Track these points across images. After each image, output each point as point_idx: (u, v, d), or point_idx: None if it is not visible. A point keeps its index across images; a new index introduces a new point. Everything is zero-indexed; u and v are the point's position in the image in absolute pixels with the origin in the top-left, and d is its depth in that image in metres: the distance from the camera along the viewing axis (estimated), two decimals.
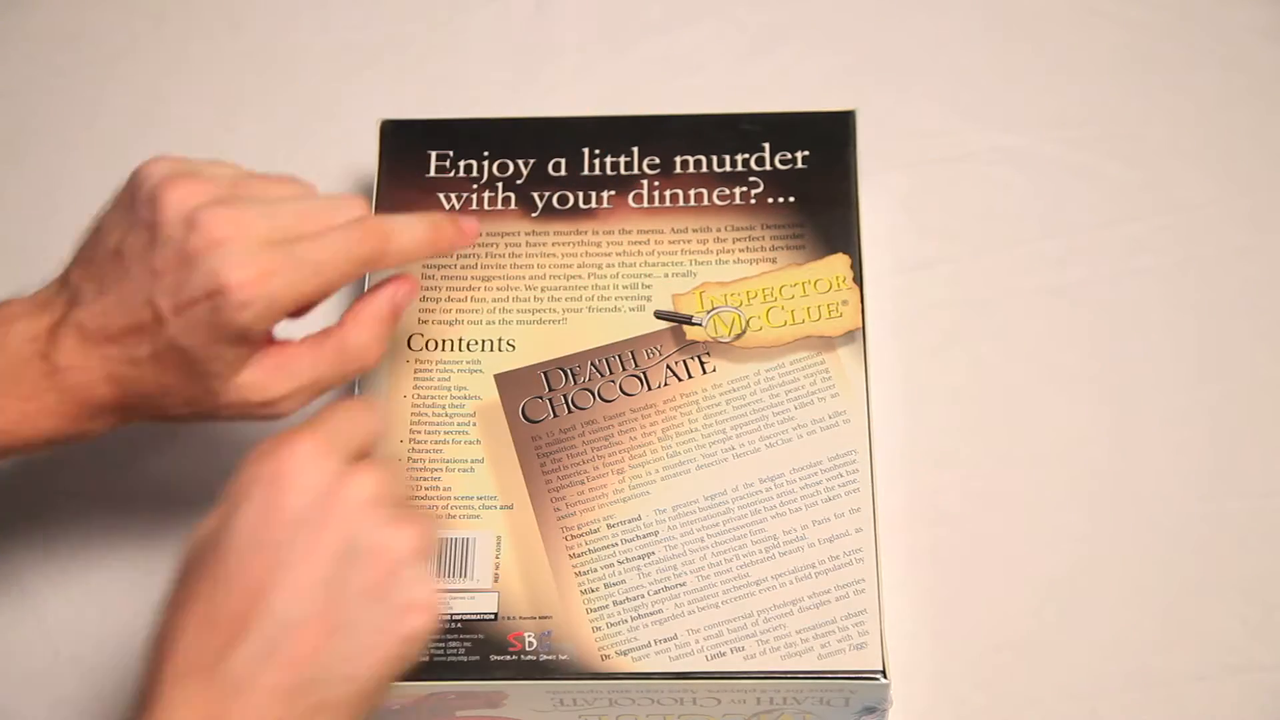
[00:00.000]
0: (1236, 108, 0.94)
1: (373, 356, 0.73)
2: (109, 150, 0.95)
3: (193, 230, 0.69)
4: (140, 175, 0.71)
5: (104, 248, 0.71)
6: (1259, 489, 0.84)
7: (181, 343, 0.69)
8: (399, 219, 0.73)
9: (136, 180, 0.71)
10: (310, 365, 0.72)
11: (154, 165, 0.71)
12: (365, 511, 0.63)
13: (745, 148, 0.86)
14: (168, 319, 0.68)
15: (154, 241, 0.69)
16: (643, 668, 0.74)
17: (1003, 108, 0.95)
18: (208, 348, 0.69)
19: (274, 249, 0.69)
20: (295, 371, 0.72)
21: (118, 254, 0.70)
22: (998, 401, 0.87)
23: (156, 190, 0.70)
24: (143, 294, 0.69)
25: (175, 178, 0.70)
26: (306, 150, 0.95)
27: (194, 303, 0.68)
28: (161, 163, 0.71)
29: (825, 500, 0.77)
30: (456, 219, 0.75)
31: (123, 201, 0.72)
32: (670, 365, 0.81)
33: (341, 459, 0.64)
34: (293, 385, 0.72)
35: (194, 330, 0.68)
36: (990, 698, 0.80)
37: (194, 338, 0.69)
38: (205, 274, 0.68)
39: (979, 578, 0.82)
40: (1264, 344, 0.88)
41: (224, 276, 0.68)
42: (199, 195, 0.70)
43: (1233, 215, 0.91)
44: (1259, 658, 0.80)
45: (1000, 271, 0.90)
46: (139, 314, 0.69)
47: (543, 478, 0.79)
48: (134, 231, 0.70)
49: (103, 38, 0.99)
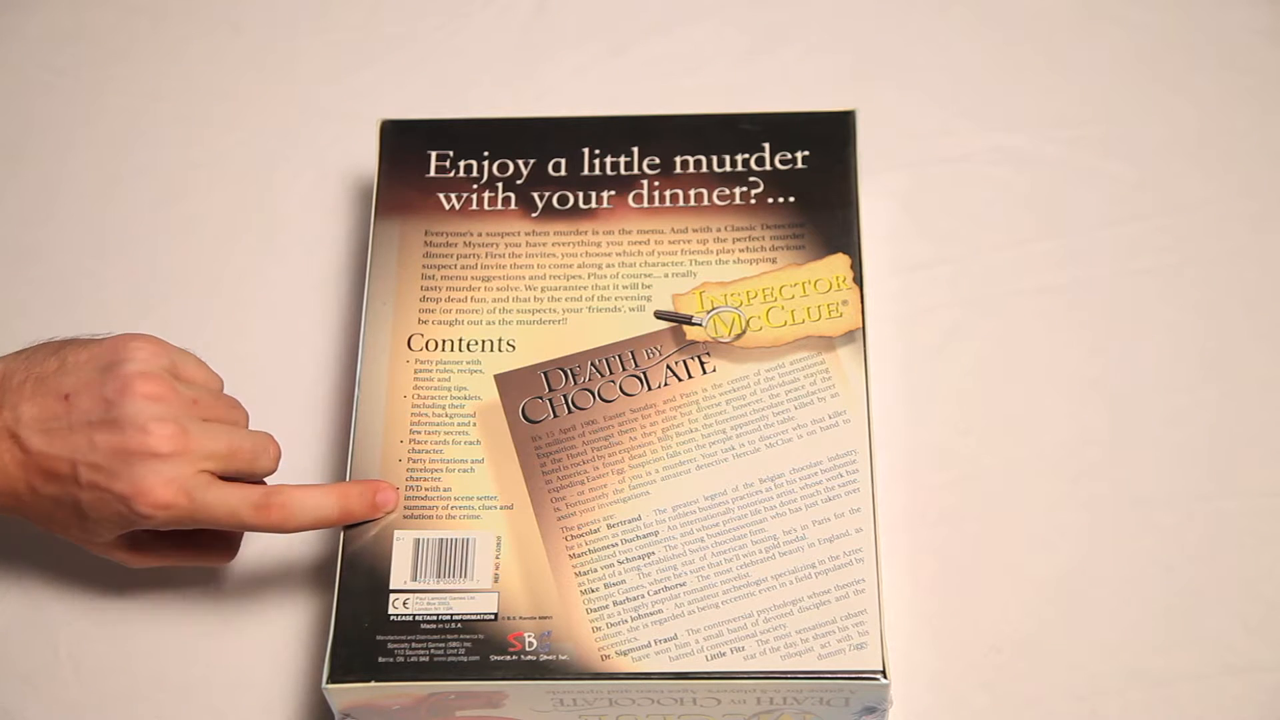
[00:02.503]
0: (1236, 108, 0.94)
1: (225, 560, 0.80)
2: (109, 150, 0.95)
3: (143, 434, 0.73)
4: (125, 350, 0.75)
5: (58, 386, 0.75)
6: (1259, 489, 0.84)
7: (82, 507, 0.74)
8: (309, 495, 0.76)
9: (120, 353, 0.75)
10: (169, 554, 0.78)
11: (141, 348, 0.76)
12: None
13: (745, 148, 0.86)
14: (83, 487, 0.74)
15: (105, 423, 0.74)
16: (643, 668, 0.74)
17: (1003, 108, 0.95)
18: (100, 522, 0.75)
19: (194, 482, 0.74)
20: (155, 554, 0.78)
21: (68, 400, 0.74)
22: (998, 401, 0.87)
23: (132, 380, 0.74)
24: (74, 452, 0.74)
25: (152, 376, 0.75)
26: (306, 150, 0.95)
27: (109, 492, 0.73)
28: (146, 349, 0.76)
29: (825, 500, 0.77)
30: (374, 490, 0.78)
31: (97, 358, 0.75)
32: (670, 365, 0.81)
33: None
34: (149, 564, 0.79)
35: (97, 507, 0.74)
36: (990, 698, 0.80)
37: (94, 511, 0.74)
38: (131, 479, 0.73)
39: (979, 578, 0.82)
40: (1264, 344, 0.88)
41: (145, 489, 0.73)
42: (163, 404, 0.74)
43: (1233, 215, 0.91)
44: (1259, 658, 0.80)
45: (1000, 271, 0.90)
46: (61, 465, 0.74)
47: (543, 478, 0.78)
48: (92, 397, 0.74)
49: (102, 38, 0.99)
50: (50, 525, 0.76)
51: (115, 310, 0.90)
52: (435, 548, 0.77)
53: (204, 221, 0.93)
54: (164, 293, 0.91)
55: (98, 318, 0.90)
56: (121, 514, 0.74)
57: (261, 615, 0.82)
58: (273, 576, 0.83)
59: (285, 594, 0.83)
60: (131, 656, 0.81)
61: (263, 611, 0.82)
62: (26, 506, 0.75)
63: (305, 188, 0.94)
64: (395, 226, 0.85)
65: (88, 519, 0.75)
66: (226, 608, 0.82)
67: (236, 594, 0.83)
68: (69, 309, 0.91)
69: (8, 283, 0.92)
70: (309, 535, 0.83)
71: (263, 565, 0.83)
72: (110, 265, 0.92)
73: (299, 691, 0.80)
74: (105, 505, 0.74)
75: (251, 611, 0.82)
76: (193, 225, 0.93)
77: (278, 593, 0.83)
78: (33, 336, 0.78)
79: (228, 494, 0.75)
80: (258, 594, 0.83)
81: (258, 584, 0.83)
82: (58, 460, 0.74)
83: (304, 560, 0.83)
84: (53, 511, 0.75)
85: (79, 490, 0.74)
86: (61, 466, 0.74)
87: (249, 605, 0.82)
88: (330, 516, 0.77)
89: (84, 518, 0.75)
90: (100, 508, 0.74)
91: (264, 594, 0.83)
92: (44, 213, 0.94)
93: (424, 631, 0.75)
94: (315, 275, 0.91)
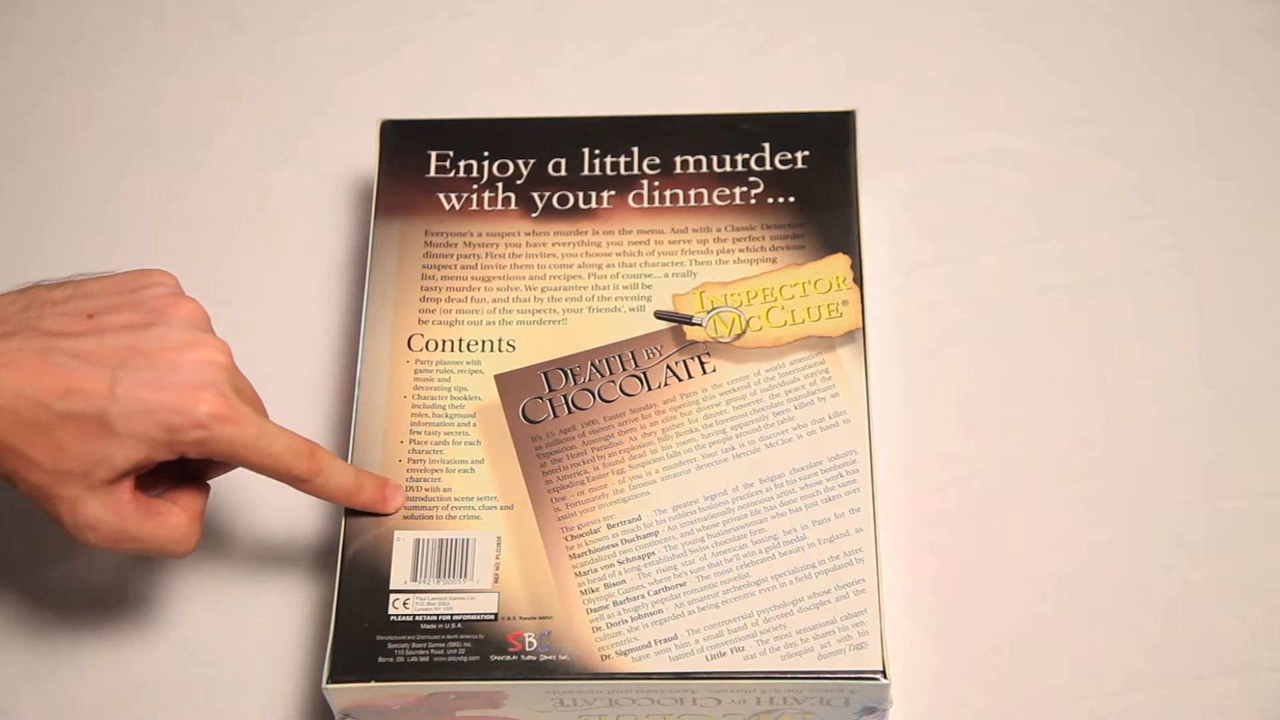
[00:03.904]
0: (1236, 108, 0.94)
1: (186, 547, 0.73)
2: (109, 150, 0.95)
3: (195, 344, 0.70)
4: (149, 276, 0.72)
5: (77, 308, 0.70)
6: (1259, 489, 0.84)
7: (109, 420, 0.68)
8: (337, 461, 0.75)
9: (145, 278, 0.72)
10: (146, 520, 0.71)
11: (166, 276, 0.73)
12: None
13: (745, 148, 0.86)
14: (117, 398, 0.68)
15: (148, 329, 0.69)
16: (643, 668, 0.74)
17: (1003, 108, 0.95)
18: (127, 441, 0.68)
19: (245, 408, 0.71)
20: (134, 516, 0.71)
21: (93, 318, 0.70)
22: (998, 401, 0.87)
23: (173, 296, 0.71)
24: (111, 359, 0.68)
25: (189, 299, 0.72)
26: (306, 150, 0.95)
27: (155, 398, 0.68)
28: (171, 277, 0.73)
29: (825, 500, 0.77)
30: (384, 486, 0.77)
31: (117, 283, 0.72)
32: (670, 365, 0.81)
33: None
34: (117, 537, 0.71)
35: (131, 419, 0.68)
36: (990, 698, 0.80)
37: (126, 424, 0.68)
38: (185, 385, 0.69)
39: (979, 578, 0.82)
40: (1264, 344, 0.88)
41: (202, 396, 0.69)
42: (205, 320, 0.72)
43: (1233, 215, 0.91)
44: (1259, 658, 0.80)
45: (1000, 271, 0.90)
46: (92, 376, 0.68)
47: (543, 478, 0.79)
48: (125, 312, 0.70)
49: (102, 38, 0.99)
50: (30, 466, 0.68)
51: None
52: (435, 548, 0.77)
53: (204, 221, 0.93)
54: None
55: None
56: (169, 424, 0.68)
57: (261, 615, 0.82)
58: (273, 576, 0.83)
59: (285, 594, 0.83)
60: (131, 656, 0.81)
61: (262, 611, 0.82)
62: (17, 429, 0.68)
63: (305, 188, 0.94)
64: (395, 226, 0.85)
65: (111, 433, 0.68)
66: (226, 607, 0.82)
67: (236, 594, 0.83)
68: None
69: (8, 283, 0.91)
70: (309, 534, 0.83)
71: (263, 565, 0.83)
72: (110, 265, 0.92)
73: (299, 691, 0.80)
74: (144, 416, 0.68)
75: (251, 611, 0.82)
76: (193, 225, 0.93)
77: (278, 593, 0.83)
78: None
79: (279, 431, 0.72)
80: (258, 594, 0.83)
81: (258, 584, 0.83)
82: (90, 370, 0.68)
83: (304, 560, 0.83)
84: (52, 432, 0.68)
85: (109, 401, 0.67)
86: (95, 377, 0.67)
87: (249, 605, 0.82)
88: (346, 490, 0.75)
89: (107, 435, 0.68)
90: (135, 420, 0.68)
91: (264, 594, 0.83)
92: (44, 213, 0.94)
93: (424, 632, 0.75)
94: (315, 275, 0.91)
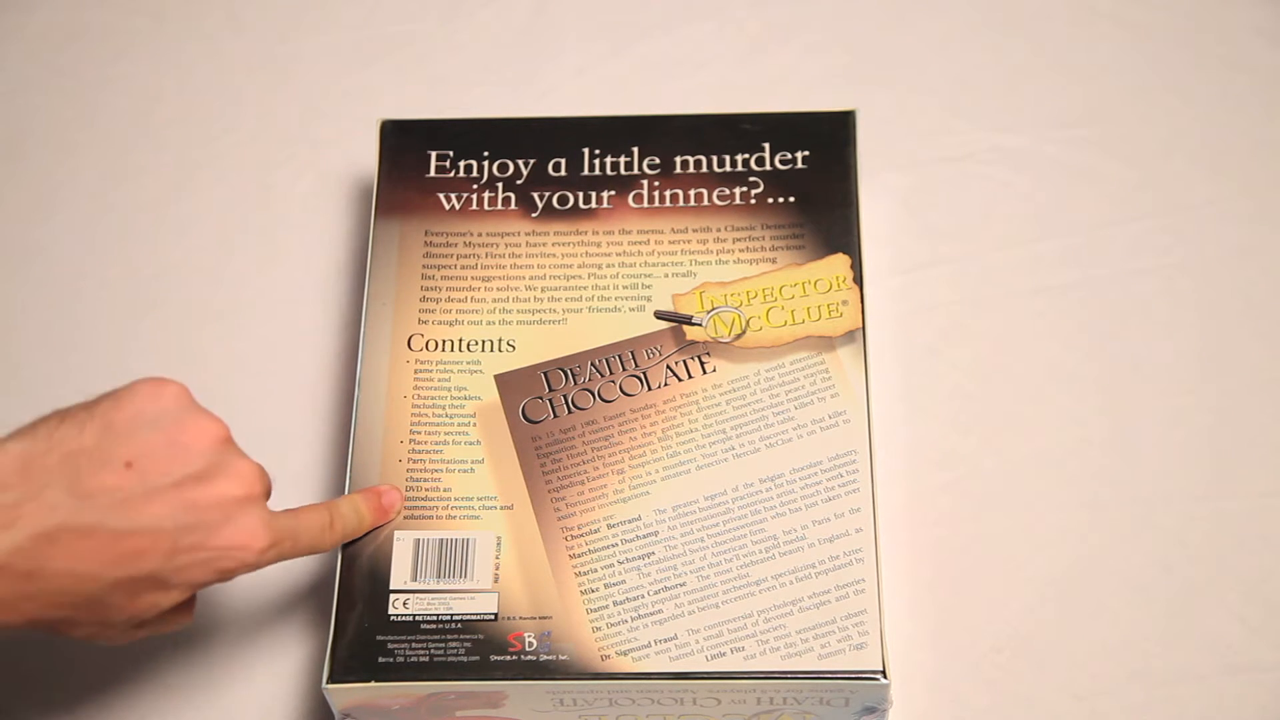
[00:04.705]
0: (1236, 108, 0.94)
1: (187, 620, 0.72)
2: (109, 150, 0.95)
3: (237, 478, 0.68)
4: (165, 390, 0.68)
5: (110, 455, 0.66)
6: (1259, 489, 0.84)
7: (162, 577, 0.67)
8: (344, 507, 0.76)
9: (157, 400, 0.68)
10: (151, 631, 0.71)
11: (168, 390, 0.69)
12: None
13: (745, 148, 0.86)
14: (177, 552, 0.67)
15: (195, 478, 0.67)
16: (643, 668, 0.74)
17: (1003, 108, 0.95)
18: (178, 587, 0.68)
19: (275, 520, 0.70)
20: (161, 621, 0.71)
21: (131, 467, 0.66)
22: (998, 401, 0.87)
23: (202, 426, 0.68)
24: (168, 519, 0.66)
25: (207, 415, 0.69)
26: (306, 150, 0.95)
27: (208, 549, 0.68)
28: (172, 390, 0.69)
29: (825, 500, 0.77)
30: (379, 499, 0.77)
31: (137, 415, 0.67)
32: (670, 365, 0.81)
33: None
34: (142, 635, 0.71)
35: (186, 571, 0.68)
36: (990, 698, 0.80)
37: (181, 576, 0.68)
38: (236, 527, 0.68)
39: (979, 578, 0.82)
40: (1264, 344, 0.88)
41: (250, 535, 0.68)
42: (228, 437, 0.69)
43: (1233, 215, 0.91)
44: (1259, 658, 0.80)
45: (1000, 271, 0.90)
46: (149, 538, 0.66)
47: (543, 478, 0.79)
48: (162, 452, 0.67)
49: (102, 38, 0.99)
50: (74, 626, 0.67)
51: (115, 310, 0.90)
52: (435, 548, 0.77)
53: (204, 221, 0.93)
54: (164, 293, 0.91)
55: (98, 318, 0.90)
56: (221, 569, 0.68)
57: (262, 616, 0.82)
58: (273, 577, 0.83)
59: (285, 594, 0.83)
60: (131, 656, 0.81)
61: (263, 612, 0.82)
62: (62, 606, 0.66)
63: (305, 188, 0.94)
64: (395, 226, 0.85)
65: (164, 588, 0.67)
66: (227, 608, 0.82)
67: (237, 594, 0.83)
68: (69, 309, 0.91)
69: (8, 283, 0.92)
70: None
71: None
72: (110, 265, 0.92)
73: (299, 691, 0.80)
74: (200, 566, 0.68)
75: (252, 612, 0.82)
76: (193, 225, 0.93)
77: (278, 593, 0.83)
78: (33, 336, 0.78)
79: (301, 520, 0.72)
80: (258, 594, 0.83)
81: (258, 584, 0.83)
82: (145, 534, 0.66)
83: (304, 561, 0.83)
84: (102, 599, 0.66)
85: (166, 560, 0.67)
86: (150, 540, 0.66)
87: (249, 605, 0.82)
88: (353, 532, 0.76)
89: (160, 589, 0.67)
90: (191, 571, 0.67)
91: (264, 594, 0.83)
92: (44, 213, 0.94)
93: (424, 632, 0.75)
94: (315, 275, 0.91)
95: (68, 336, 0.89)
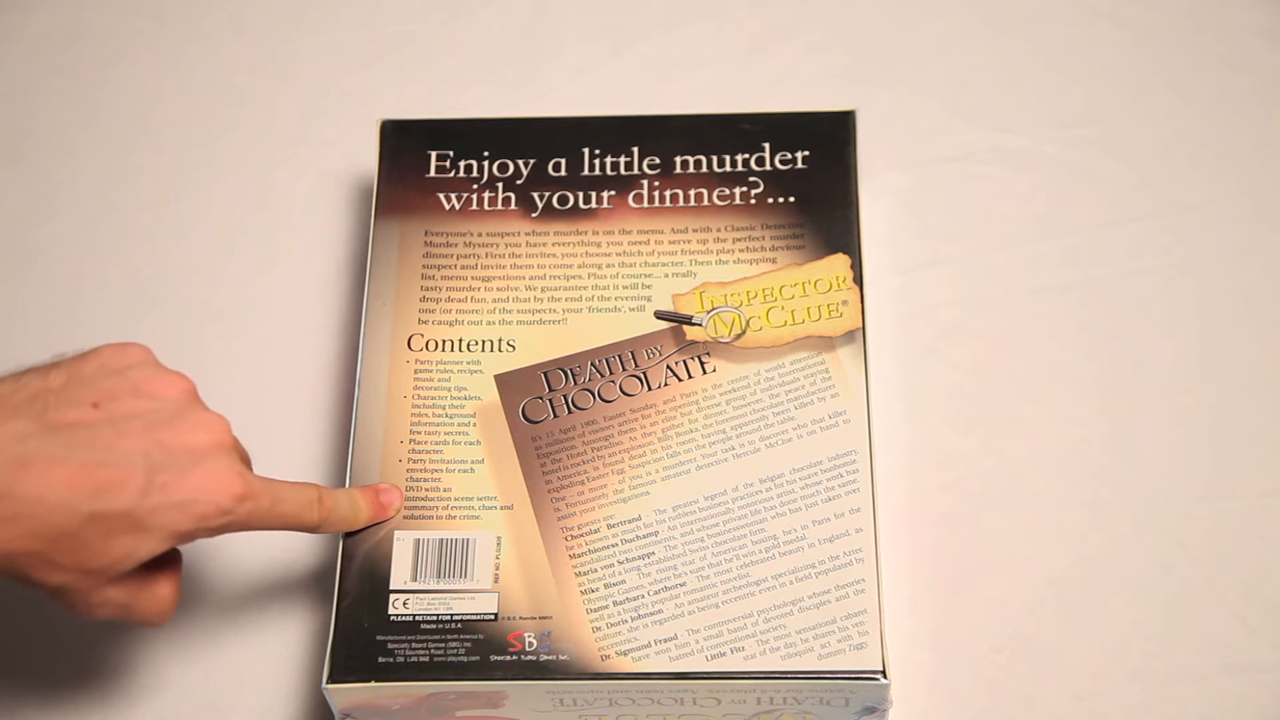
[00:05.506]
0: (1236, 108, 0.94)
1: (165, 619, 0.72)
2: (109, 150, 0.95)
3: (205, 427, 0.69)
4: (126, 355, 0.70)
5: (76, 396, 0.68)
6: (1259, 489, 0.84)
7: (137, 517, 0.67)
8: (339, 496, 0.75)
9: (124, 357, 0.70)
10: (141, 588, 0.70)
11: (137, 350, 0.70)
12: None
13: (745, 148, 0.86)
14: (148, 493, 0.67)
15: (156, 414, 0.68)
16: (643, 668, 0.74)
17: (1003, 108, 0.95)
18: (152, 533, 0.67)
19: (251, 474, 0.70)
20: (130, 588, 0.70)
21: (98, 407, 0.68)
22: (998, 401, 0.87)
23: (162, 375, 0.70)
24: (141, 456, 0.67)
25: (171, 372, 0.70)
26: (307, 150, 0.95)
27: (180, 492, 0.68)
28: (141, 350, 0.71)
29: (825, 500, 0.77)
30: (378, 496, 0.77)
31: (104, 366, 0.69)
32: (670, 365, 0.81)
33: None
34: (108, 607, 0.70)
35: (159, 514, 0.67)
36: (990, 698, 0.80)
37: (154, 519, 0.67)
38: (207, 473, 0.68)
39: (979, 578, 0.82)
40: (1264, 344, 0.88)
41: (223, 482, 0.69)
42: (196, 392, 0.70)
43: (1233, 215, 0.91)
44: (1259, 658, 0.80)
45: (1000, 271, 0.90)
46: (122, 472, 0.66)
47: (543, 478, 0.79)
48: (127, 395, 0.68)
49: (102, 38, 0.99)
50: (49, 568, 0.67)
51: (115, 310, 0.90)
52: (435, 548, 0.77)
53: (204, 221, 0.93)
54: (164, 293, 0.91)
55: (98, 318, 0.90)
56: (198, 515, 0.68)
57: (262, 615, 0.82)
58: (273, 577, 0.83)
59: (285, 594, 0.83)
60: (132, 656, 0.81)
61: (263, 612, 0.82)
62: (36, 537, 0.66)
63: (305, 188, 0.94)
64: (395, 226, 0.85)
65: (140, 529, 0.67)
66: (227, 608, 0.82)
67: (237, 594, 0.83)
68: (69, 309, 0.91)
69: (8, 283, 0.92)
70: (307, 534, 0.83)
71: (262, 566, 0.83)
72: (110, 265, 0.92)
73: (299, 691, 0.80)
74: (175, 509, 0.67)
75: (252, 612, 0.82)
76: (193, 225, 0.93)
77: (278, 593, 0.83)
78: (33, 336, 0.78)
79: (282, 486, 0.72)
80: (258, 594, 0.83)
81: (258, 584, 0.83)
82: (116, 467, 0.66)
83: (304, 561, 0.83)
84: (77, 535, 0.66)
85: (140, 498, 0.67)
86: (122, 473, 0.66)
87: (249, 605, 0.82)
88: (348, 522, 0.76)
89: (135, 530, 0.67)
90: (166, 513, 0.67)
91: (264, 594, 0.83)
92: (44, 213, 0.94)
93: (424, 632, 0.75)
94: (315, 275, 0.91)
95: (68, 336, 0.89)
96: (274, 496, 0.71)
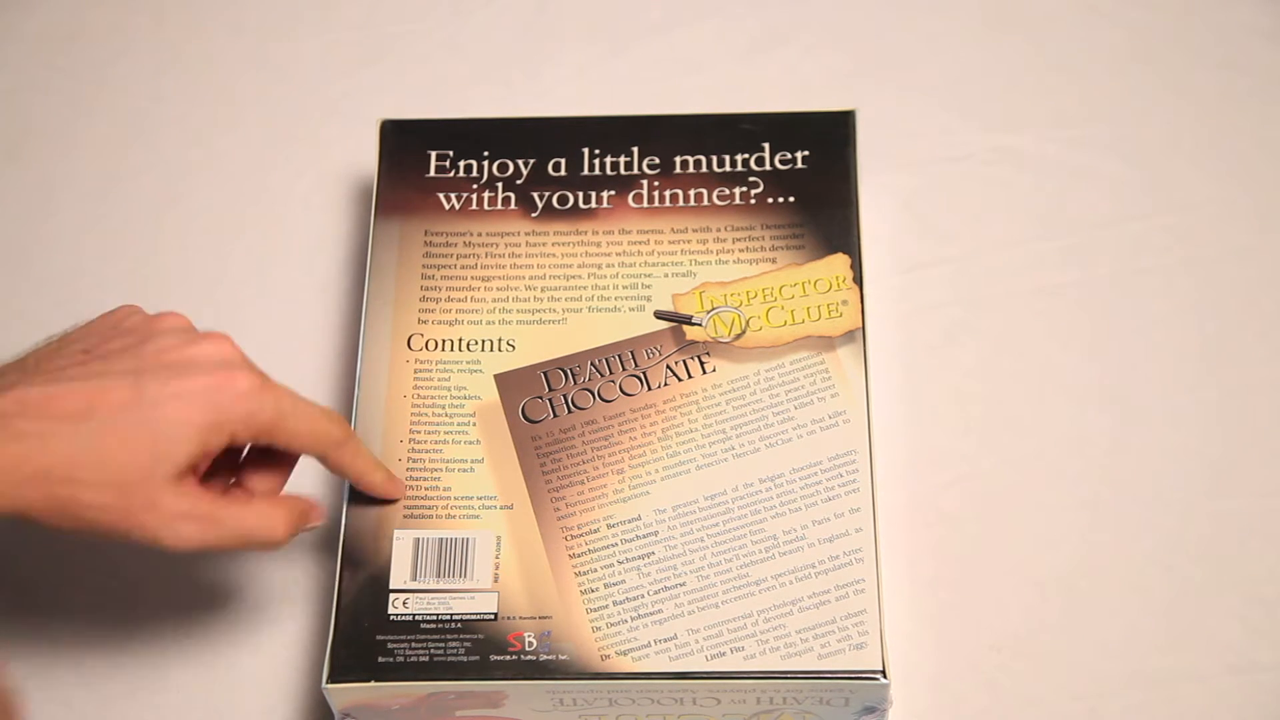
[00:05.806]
0: (1236, 108, 0.94)
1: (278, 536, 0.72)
2: (109, 150, 0.95)
3: (202, 339, 0.70)
4: (121, 309, 0.72)
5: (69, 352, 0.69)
6: (1259, 489, 0.84)
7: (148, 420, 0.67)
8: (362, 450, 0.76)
9: (118, 313, 0.72)
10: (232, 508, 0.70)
11: (135, 307, 0.73)
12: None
13: (745, 148, 0.86)
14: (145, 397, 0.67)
15: (147, 341, 0.69)
16: (643, 668, 0.74)
17: (1003, 108, 0.95)
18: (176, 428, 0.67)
19: (271, 383, 0.71)
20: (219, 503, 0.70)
21: (88, 351, 0.69)
22: (997, 401, 0.87)
23: (149, 317, 0.71)
24: (123, 373, 0.67)
25: (171, 313, 0.72)
26: (306, 150, 0.95)
27: (188, 389, 0.67)
28: (138, 308, 0.73)
29: (825, 500, 0.77)
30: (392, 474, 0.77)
31: (99, 325, 0.72)
32: (670, 365, 0.81)
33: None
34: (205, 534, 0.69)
35: (166, 409, 0.67)
36: (990, 698, 0.80)
37: (166, 418, 0.67)
38: (214, 368, 0.69)
39: (979, 578, 0.82)
40: (1264, 344, 0.88)
41: (235, 375, 0.69)
42: (184, 320, 0.72)
43: (1233, 215, 0.91)
44: (1259, 658, 0.80)
45: (1000, 271, 0.90)
46: (105, 387, 0.67)
47: (543, 478, 0.78)
48: (119, 337, 0.69)
49: (101, 38, 0.99)
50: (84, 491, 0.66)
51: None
52: (435, 547, 0.77)
53: (204, 222, 0.93)
54: (164, 292, 0.91)
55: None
56: (214, 403, 0.67)
57: (261, 615, 0.82)
58: (273, 576, 0.83)
59: (285, 594, 0.83)
60: (132, 656, 0.81)
61: (263, 612, 0.82)
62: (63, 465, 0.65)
63: (305, 188, 0.94)
64: (395, 226, 0.85)
65: (157, 432, 0.66)
66: (227, 607, 0.82)
67: (237, 593, 0.83)
68: (69, 309, 0.90)
69: (8, 282, 0.92)
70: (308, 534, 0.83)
71: (262, 565, 0.83)
72: (110, 265, 0.92)
73: (299, 691, 0.80)
74: (185, 403, 0.67)
75: (251, 612, 0.82)
76: (192, 225, 0.93)
77: (278, 593, 0.83)
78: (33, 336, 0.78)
79: (307, 401, 0.71)
80: (258, 594, 0.83)
81: (258, 584, 0.83)
82: (105, 383, 0.66)
83: (304, 560, 0.83)
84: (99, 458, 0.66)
85: (141, 403, 0.66)
86: (111, 387, 0.66)
87: (249, 605, 0.82)
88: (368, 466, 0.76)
89: (152, 433, 0.66)
90: (176, 407, 0.67)
91: (264, 594, 0.83)
92: (44, 213, 0.94)
93: (424, 631, 0.75)
94: (315, 275, 0.91)
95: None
96: (293, 399, 0.71)
